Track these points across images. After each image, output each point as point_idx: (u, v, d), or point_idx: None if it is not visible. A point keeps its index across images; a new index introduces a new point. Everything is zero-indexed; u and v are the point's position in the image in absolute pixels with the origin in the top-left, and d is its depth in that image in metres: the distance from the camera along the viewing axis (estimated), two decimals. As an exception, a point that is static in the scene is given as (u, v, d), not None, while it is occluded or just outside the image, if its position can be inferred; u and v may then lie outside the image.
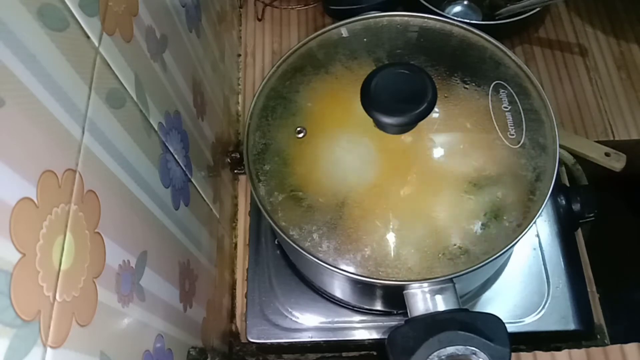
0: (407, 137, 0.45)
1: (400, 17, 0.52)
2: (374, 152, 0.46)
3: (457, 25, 0.51)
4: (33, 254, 0.24)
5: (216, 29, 0.64)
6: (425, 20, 0.51)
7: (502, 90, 0.47)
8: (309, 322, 0.58)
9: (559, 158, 0.45)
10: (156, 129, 0.40)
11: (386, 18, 0.52)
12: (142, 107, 0.38)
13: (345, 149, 0.47)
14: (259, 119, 0.49)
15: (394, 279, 0.42)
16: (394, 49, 0.50)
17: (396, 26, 0.52)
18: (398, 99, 0.42)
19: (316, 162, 0.47)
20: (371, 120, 0.43)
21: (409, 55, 0.49)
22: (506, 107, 0.46)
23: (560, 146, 0.54)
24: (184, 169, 0.47)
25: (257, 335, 0.58)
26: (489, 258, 0.42)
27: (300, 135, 0.47)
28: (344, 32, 0.52)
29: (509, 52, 0.49)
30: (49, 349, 0.24)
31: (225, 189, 0.64)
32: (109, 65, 0.33)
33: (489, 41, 0.50)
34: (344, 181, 0.46)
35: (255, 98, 0.49)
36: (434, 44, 0.51)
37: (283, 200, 0.46)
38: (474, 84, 0.47)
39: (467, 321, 0.39)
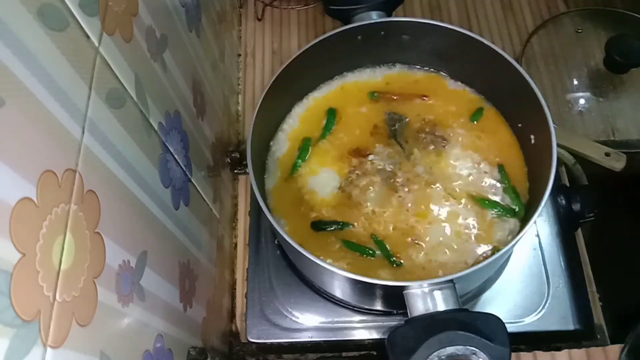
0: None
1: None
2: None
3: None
4: (33, 254, 0.24)
5: (216, 29, 0.64)
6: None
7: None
8: (309, 322, 0.58)
9: (559, 158, 0.45)
10: (156, 129, 0.40)
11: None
12: (142, 107, 0.38)
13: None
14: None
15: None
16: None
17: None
18: None
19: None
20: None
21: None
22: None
23: (560, 146, 0.54)
24: (184, 169, 0.47)
25: (257, 335, 0.58)
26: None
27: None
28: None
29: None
30: (49, 348, 0.24)
31: (225, 189, 0.64)
32: (109, 65, 0.33)
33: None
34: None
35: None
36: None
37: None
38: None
39: (467, 321, 0.39)
